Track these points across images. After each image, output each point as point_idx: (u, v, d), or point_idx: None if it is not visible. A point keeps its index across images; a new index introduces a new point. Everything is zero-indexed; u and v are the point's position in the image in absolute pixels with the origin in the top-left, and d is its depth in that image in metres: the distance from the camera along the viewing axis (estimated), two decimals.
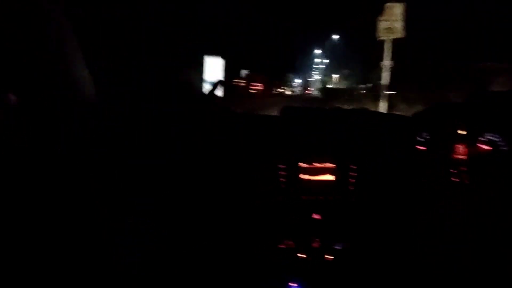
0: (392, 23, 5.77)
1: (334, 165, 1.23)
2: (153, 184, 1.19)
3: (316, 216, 1.21)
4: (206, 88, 1.47)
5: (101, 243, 1.08)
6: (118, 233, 1.12)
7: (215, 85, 1.21)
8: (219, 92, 1.48)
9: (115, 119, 1.22)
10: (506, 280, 1.07)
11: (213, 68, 1.62)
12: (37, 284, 0.94)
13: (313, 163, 1.23)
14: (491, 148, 1.26)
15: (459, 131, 1.30)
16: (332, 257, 1.14)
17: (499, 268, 1.08)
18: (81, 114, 1.16)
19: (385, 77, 6.42)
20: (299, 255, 1.15)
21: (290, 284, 1.08)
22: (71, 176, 1.04)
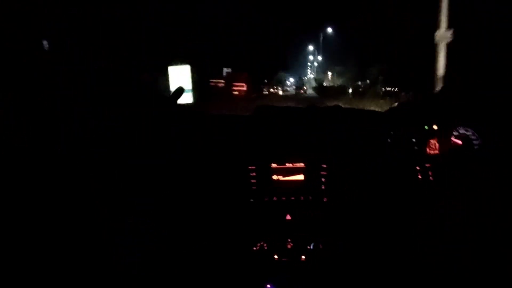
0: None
1: (304, 164, 1.19)
2: (153, 184, 1.19)
3: (288, 217, 1.21)
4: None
5: (101, 243, 1.08)
6: (118, 233, 1.12)
7: (176, 92, 1.18)
8: (187, 98, 1.47)
9: (115, 119, 1.22)
10: (506, 280, 1.07)
11: (181, 73, 1.59)
12: (38, 284, 0.94)
13: (285, 164, 1.19)
14: (462, 143, 1.25)
15: (432, 126, 1.28)
16: (305, 258, 1.14)
17: (499, 268, 1.08)
18: (81, 114, 1.17)
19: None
20: (273, 256, 1.15)
21: (266, 285, 1.08)
22: (71, 176, 1.04)
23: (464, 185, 1.13)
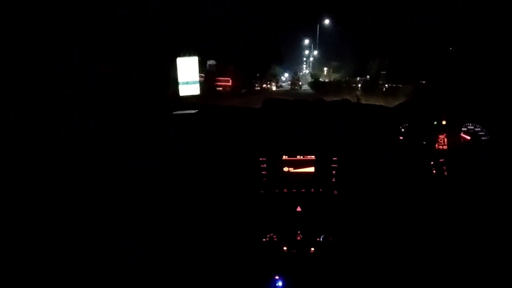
0: None
1: (315, 157, 1.19)
2: (153, 184, 1.19)
3: (299, 209, 1.20)
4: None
5: (101, 243, 1.08)
6: (118, 233, 1.12)
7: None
8: (193, 89, 1.47)
9: (115, 119, 1.22)
10: (506, 280, 1.07)
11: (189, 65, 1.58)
12: (38, 284, 0.94)
13: (295, 156, 1.19)
14: (470, 138, 1.25)
15: (441, 122, 1.29)
16: (314, 250, 1.13)
17: (499, 268, 1.08)
18: (81, 114, 1.17)
19: None
20: (283, 248, 1.15)
21: (275, 277, 1.08)
22: (71, 176, 1.04)
23: (464, 185, 1.13)
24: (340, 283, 1.10)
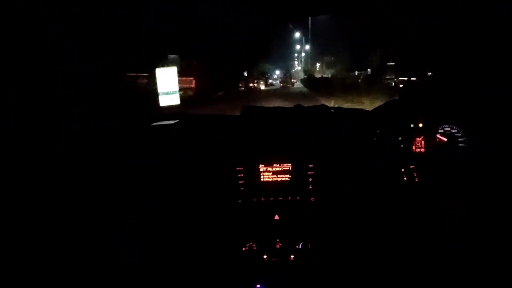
0: None
1: (292, 165, 1.20)
2: (153, 184, 1.19)
3: (277, 217, 1.20)
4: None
5: (101, 243, 1.08)
6: (118, 233, 1.12)
7: None
8: (173, 99, 1.46)
9: (115, 119, 1.22)
10: (506, 280, 1.07)
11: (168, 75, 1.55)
12: (38, 284, 0.94)
13: (272, 164, 1.20)
14: (447, 140, 1.25)
15: (417, 124, 1.28)
16: (294, 257, 1.13)
17: (499, 268, 1.08)
18: (81, 114, 1.17)
19: None
20: (263, 256, 1.15)
21: (256, 285, 1.08)
22: (71, 176, 1.04)
23: (463, 186, 1.13)
24: None
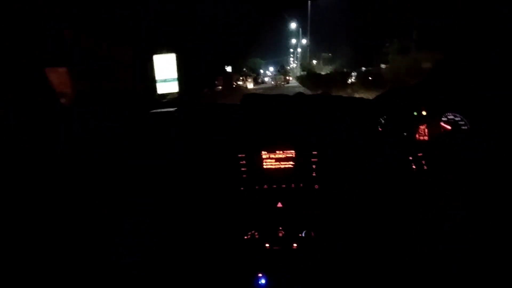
0: None
1: (295, 152, 1.17)
2: (153, 184, 1.19)
3: (279, 205, 1.18)
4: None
5: (101, 243, 1.08)
6: (118, 233, 1.12)
7: None
8: (172, 87, 1.44)
9: (115, 119, 1.22)
10: (506, 280, 1.07)
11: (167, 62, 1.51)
12: (38, 284, 0.94)
13: (275, 151, 1.18)
14: (451, 128, 1.24)
15: (421, 112, 1.27)
16: (297, 246, 1.11)
17: (499, 268, 1.08)
18: (81, 114, 1.17)
19: None
20: (265, 245, 1.13)
21: (258, 274, 1.07)
22: (71, 176, 1.04)
23: (463, 185, 1.13)
24: (324, 279, 1.09)
